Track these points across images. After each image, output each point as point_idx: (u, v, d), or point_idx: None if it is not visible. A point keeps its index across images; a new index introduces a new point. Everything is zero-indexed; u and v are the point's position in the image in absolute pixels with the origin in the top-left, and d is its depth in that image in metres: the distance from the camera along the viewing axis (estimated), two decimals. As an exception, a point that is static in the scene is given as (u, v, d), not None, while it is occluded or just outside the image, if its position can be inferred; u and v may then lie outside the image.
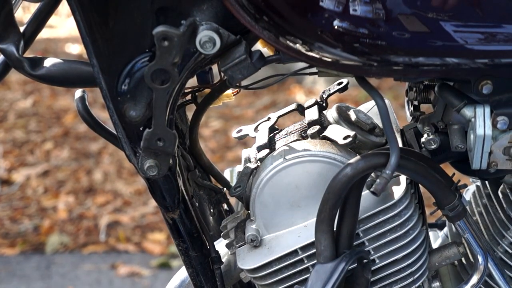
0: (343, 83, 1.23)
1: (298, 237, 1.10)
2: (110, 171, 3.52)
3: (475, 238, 1.11)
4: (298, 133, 1.16)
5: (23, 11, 2.37)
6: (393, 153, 0.99)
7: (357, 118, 1.14)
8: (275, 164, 1.10)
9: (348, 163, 1.02)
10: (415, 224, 1.10)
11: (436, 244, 1.36)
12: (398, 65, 0.96)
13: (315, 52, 0.96)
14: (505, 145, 1.05)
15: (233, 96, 1.24)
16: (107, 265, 2.93)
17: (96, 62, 1.02)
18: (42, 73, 1.08)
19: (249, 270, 1.12)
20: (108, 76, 1.03)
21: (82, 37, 1.01)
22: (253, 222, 1.13)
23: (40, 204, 3.31)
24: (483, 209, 1.24)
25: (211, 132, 3.91)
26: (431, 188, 1.06)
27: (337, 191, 1.02)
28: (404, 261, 1.11)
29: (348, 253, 1.05)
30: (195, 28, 0.97)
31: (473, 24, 0.94)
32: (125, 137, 1.06)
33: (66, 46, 5.20)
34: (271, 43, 1.00)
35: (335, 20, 0.93)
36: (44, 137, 3.89)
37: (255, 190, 1.11)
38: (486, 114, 1.04)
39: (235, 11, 0.97)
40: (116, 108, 1.04)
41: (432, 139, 1.12)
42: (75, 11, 0.99)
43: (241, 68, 1.01)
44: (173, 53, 0.94)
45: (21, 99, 4.36)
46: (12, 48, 1.07)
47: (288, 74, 1.12)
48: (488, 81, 0.99)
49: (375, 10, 0.93)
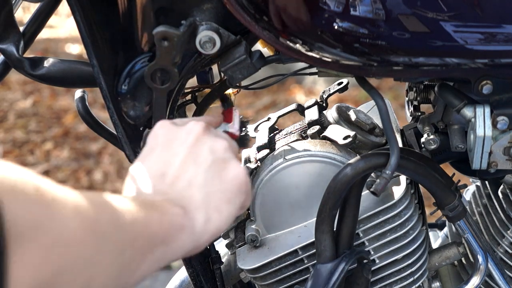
0: (343, 83, 1.23)
1: (298, 237, 1.10)
2: (110, 171, 3.52)
3: (475, 238, 1.11)
4: (298, 133, 1.16)
5: (23, 11, 2.37)
6: (393, 153, 0.99)
7: (357, 118, 1.14)
8: (275, 164, 1.10)
9: (348, 163, 1.02)
10: (415, 224, 1.10)
11: (436, 244, 1.36)
12: (398, 65, 0.96)
13: (315, 52, 0.96)
14: (505, 145, 1.04)
15: (234, 95, 1.23)
16: (107, 265, 2.92)
17: (96, 62, 1.01)
18: (42, 73, 1.08)
19: (249, 270, 1.12)
20: (108, 76, 1.03)
21: (82, 37, 1.01)
22: (253, 222, 1.13)
23: (40, 204, 3.31)
24: (483, 209, 1.24)
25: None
26: (431, 188, 1.06)
27: (337, 191, 1.02)
28: (404, 261, 1.11)
29: (348, 253, 1.05)
30: (195, 28, 0.97)
31: (473, 24, 0.94)
32: (125, 137, 1.06)
33: (66, 46, 5.20)
34: (271, 43, 1.00)
35: (335, 20, 0.93)
36: (44, 137, 3.89)
37: (255, 190, 1.11)
38: (486, 114, 1.04)
39: (235, 11, 0.97)
40: (116, 108, 1.04)
41: (432, 139, 1.12)
42: (75, 11, 0.99)
43: (241, 68, 1.01)
44: (173, 53, 0.94)
45: (21, 99, 4.36)
46: (12, 48, 1.07)
47: (288, 74, 1.12)
48: (488, 81, 0.99)
49: (375, 10, 0.93)
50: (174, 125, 0.85)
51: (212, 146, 0.83)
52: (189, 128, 0.84)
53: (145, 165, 0.81)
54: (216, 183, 0.80)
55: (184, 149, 0.82)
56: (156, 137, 0.84)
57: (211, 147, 0.83)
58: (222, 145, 0.84)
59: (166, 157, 0.81)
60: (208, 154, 0.82)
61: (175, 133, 0.84)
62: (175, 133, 0.84)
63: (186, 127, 0.85)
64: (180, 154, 0.81)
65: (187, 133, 0.84)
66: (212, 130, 0.86)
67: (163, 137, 0.84)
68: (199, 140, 0.83)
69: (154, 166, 0.80)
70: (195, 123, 0.85)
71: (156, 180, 0.79)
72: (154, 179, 0.79)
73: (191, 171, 0.80)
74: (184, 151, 0.81)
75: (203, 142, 0.83)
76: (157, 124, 0.86)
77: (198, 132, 0.84)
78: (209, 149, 0.82)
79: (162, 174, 0.79)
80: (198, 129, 0.84)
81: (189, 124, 0.85)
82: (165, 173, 0.80)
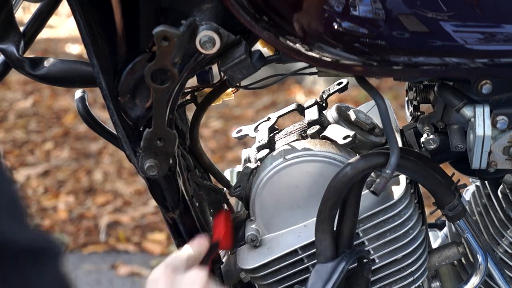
0: (343, 83, 1.23)
1: (298, 237, 1.11)
2: (110, 171, 3.52)
3: (475, 238, 1.11)
4: (298, 133, 1.16)
5: (23, 11, 2.37)
6: (393, 153, 0.99)
7: (357, 118, 1.14)
8: (275, 164, 1.10)
9: (348, 163, 1.02)
10: (415, 223, 1.10)
11: (436, 244, 1.36)
12: (398, 65, 0.96)
13: (315, 52, 0.97)
14: (505, 144, 1.05)
15: (233, 94, 1.24)
16: (107, 265, 2.92)
17: (96, 62, 1.02)
18: (42, 73, 1.08)
19: (249, 270, 1.12)
20: (108, 76, 1.03)
21: (82, 37, 1.01)
22: (253, 222, 1.13)
23: (40, 204, 3.31)
24: (482, 209, 1.24)
25: (211, 132, 3.91)
26: (431, 187, 1.06)
27: (337, 191, 1.02)
28: (404, 261, 1.11)
29: (348, 252, 1.05)
30: (195, 28, 0.97)
31: (473, 24, 0.94)
32: (125, 137, 1.06)
33: (66, 46, 5.20)
34: (271, 43, 1.00)
35: (335, 20, 0.94)
36: (44, 137, 3.88)
37: (255, 190, 1.11)
38: (486, 114, 1.04)
39: (235, 11, 0.97)
40: (116, 108, 1.04)
41: (431, 139, 1.12)
42: (75, 11, 0.99)
43: (241, 68, 1.01)
44: (173, 53, 0.94)
45: (21, 99, 4.36)
46: (12, 48, 1.07)
47: (288, 74, 1.12)
48: (487, 81, 0.99)
49: (375, 10, 0.93)
50: (175, 275, 0.90)
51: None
52: (193, 278, 0.89)
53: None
54: None
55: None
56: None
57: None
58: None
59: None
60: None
61: (178, 285, 0.89)
62: (179, 284, 0.89)
63: (189, 277, 0.90)
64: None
65: (192, 283, 0.88)
66: (213, 281, 0.91)
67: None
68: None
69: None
70: (198, 272, 0.90)
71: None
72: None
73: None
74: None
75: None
76: (156, 270, 0.92)
77: (203, 284, 0.88)
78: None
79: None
80: (202, 281, 0.89)
81: (192, 273, 0.90)
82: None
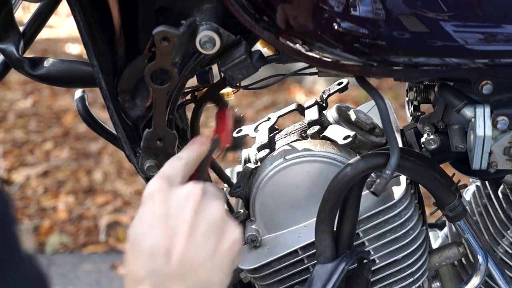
0: (343, 83, 1.22)
1: (298, 237, 1.10)
2: (110, 171, 3.51)
3: (475, 238, 1.11)
4: (298, 133, 1.16)
5: (23, 11, 2.37)
6: (393, 153, 0.99)
7: (357, 118, 1.14)
8: (275, 164, 1.09)
9: (348, 163, 1.02)
10: (415, 224, 1.10)
11: (436, 244, 1.36)
12: (398, 65, 0.96)
13: (315, 52, 0.96)
14: (505, 145, 1.04)
15: (233, 94, 1.23)
16: (107, 265, 2.92)
17: (96, 62, 1.01)
18: (42, 73, 1.08)
19: (249, 270, 1.12)
20: (108, 76, 1.03)
21: (82, 37, 1.01)
22: (253, 222, 1.13)
23: (40, 204, 3.31)
24: (483, 209, 1.24)
25: (211, 132, 3.90)
26: (431, 188, 1.06)
27: (337, 191, 1.02)
28: (404, 261, 1.11)
29: (348, 253, 1.05)
30: (195, 28, 0.97)
31: (473, 24, 0.94)
32: (125, 137, 1.06)
33: (66, 46, 5.19)
34: (271, 43, 1.00)
35: (335, 20, 0.93)
36: (44, 137, 3.88)
37: (255, 190, 1.11)
38: (486, 114, 1.04)
39: (235, 11, 0.97)
40: (116, 108, 1.04)
41: (432, 139, 1.12)
42: (75, 11, 0.99)
43: (241, 68, 1.01)
44: (173, 53, 0.94)
45: (21, 99, 4.35)
46: (12, 48, 1.07)
47: (288, 74, 1.12)
48: (488, 81, 0.99)
49: (375, 10, 0.93)
50: (170, 188, 0.88)
51: (210, 218, 0.86)
52: (186, 194, 0.87)
53: (147, 242, 0.84)
54: (216, 257, 0.86)
55: (184, 227, 0.85)
56: (153, 203, 0.87)
57: (210, 219, 0.86)
58: (219, 211, 0.87)
59: (167, 233, 0.84)
60: (207, 228, 0.86)
61: (172, 201, 0.87)
62: (173, 200, 0.87)
63: (183, 193, 0.87)
64: (181, 234, 0.84)
65: (185, 199, 0.87)
66: (208, 193, 0.89)
67: (160, 206, 0.86)
68: (198, 212, 0.86)
69: (156, 244, 0.84)
70: (192, 188, 0.88)
71: (161, 260, 0.83)
72: (159, 258, 0.83)
73: (193, 249, 0.85)
74: (185, 230, 0.85)
75: (201, 215, 0.86)
76: (152, 183, 0.89)
77: (196, 201, 0.87)
78: (207, 222, 0.86)
79: (166, 253, 0.84)
80: (195, 197, 0.87)
81: (186, 189, 0.88)
82: (168, 252, 0.84)
